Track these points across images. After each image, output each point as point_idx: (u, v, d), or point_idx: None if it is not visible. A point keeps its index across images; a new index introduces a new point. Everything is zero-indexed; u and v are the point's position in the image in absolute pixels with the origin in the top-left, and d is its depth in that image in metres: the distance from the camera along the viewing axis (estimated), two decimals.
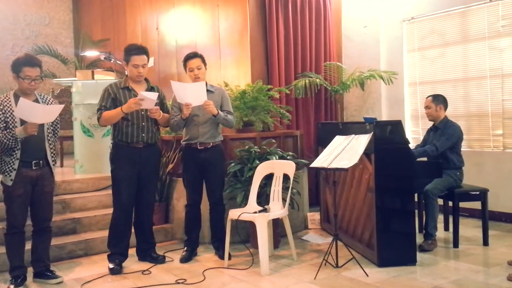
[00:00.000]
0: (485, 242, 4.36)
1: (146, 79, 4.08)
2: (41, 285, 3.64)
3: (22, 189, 3.51)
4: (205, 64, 4.18)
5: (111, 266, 3.91)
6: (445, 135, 4.40)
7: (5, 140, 3.41)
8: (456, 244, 4.31)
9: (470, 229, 4.95)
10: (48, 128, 3.63)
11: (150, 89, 4.03)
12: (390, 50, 6.31)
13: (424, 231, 4.37)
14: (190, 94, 3.93)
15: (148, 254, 4.15)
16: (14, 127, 3.45)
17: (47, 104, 3.64)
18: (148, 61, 4.02)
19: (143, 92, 3.79)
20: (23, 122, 3.43)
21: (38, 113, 3.40)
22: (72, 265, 4.13)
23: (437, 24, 5.88)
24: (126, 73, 4.10)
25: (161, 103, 4.08)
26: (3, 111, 3.47)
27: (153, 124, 4.03)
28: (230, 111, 4.23)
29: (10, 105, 3.49)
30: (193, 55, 4.15)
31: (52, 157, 3.67)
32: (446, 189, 4.38)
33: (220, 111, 4.07)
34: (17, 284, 3.53)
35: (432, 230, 4.28)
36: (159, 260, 4.11)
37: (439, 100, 4.57)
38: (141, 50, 3.96)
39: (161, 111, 3.94)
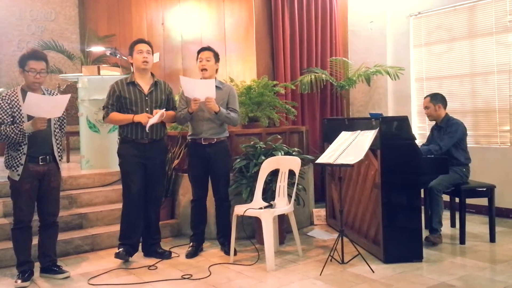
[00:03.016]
0: (492, 239, 4.34)
1: (152, 74, 4.11)
2: (48, 280, 3.66)
3: (29, 184, 3.53)
4: (216, 59, 4.19)
5: (118, 250, 3.96)
6: (448, 133, 4.37)
7: (12, 135, 3.42)
8: (462, 240, 4.30)
9: (476, 225, 4.93)
10: (54, 124, 3.64)
11: (155, 83, 4.06)
12: (397, 45, 6.27)
13: (429, 227, 4.36)
14: (199, 89, 3.94)
15: (153, 249, 4.16)
16: (21, 122, 3.46)
17: None
18: (152, 51, 4.08)
19: (150, 121, 3.83)
20: (30, 117, 3.45)
21: (46, 107, 3.41)
22: (78, 260, 4.16)
23: (444, 19, 5.84)
24: (132, 70, 4.12)
25: (167, 99, 4.13)
26: (11, 105, 3.48)
27: None
28: (235, 109, 4.20)
29: (18, 100, 3.50)
30: (206, 48, 4.22)
31: (59, 152, 3.68)
32: (452, 185, 4.36)
33: (222, 109, 4.05)
34: (24, 279, 3.55)
35: (436, 225, 4.27)
36: (165, 255, 4.13)
37: (437, 99, 4.53)
38: (144, 40, 4.16)
39: (164, 112, 3.95)
